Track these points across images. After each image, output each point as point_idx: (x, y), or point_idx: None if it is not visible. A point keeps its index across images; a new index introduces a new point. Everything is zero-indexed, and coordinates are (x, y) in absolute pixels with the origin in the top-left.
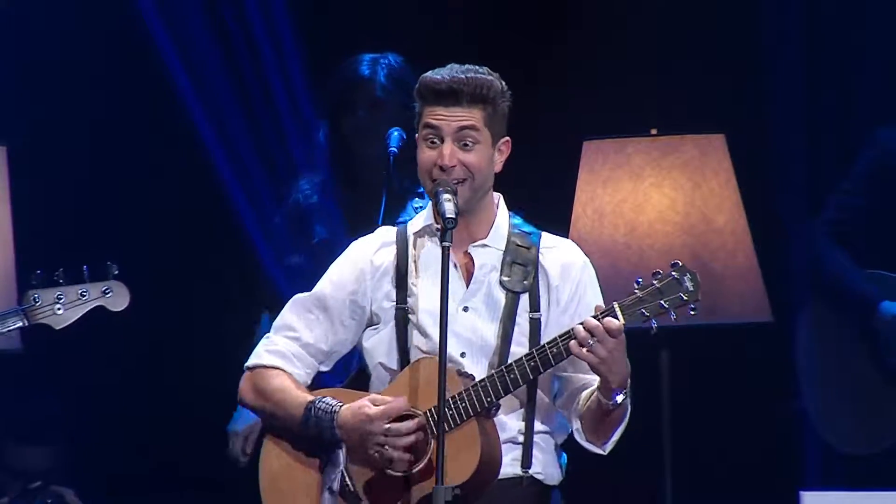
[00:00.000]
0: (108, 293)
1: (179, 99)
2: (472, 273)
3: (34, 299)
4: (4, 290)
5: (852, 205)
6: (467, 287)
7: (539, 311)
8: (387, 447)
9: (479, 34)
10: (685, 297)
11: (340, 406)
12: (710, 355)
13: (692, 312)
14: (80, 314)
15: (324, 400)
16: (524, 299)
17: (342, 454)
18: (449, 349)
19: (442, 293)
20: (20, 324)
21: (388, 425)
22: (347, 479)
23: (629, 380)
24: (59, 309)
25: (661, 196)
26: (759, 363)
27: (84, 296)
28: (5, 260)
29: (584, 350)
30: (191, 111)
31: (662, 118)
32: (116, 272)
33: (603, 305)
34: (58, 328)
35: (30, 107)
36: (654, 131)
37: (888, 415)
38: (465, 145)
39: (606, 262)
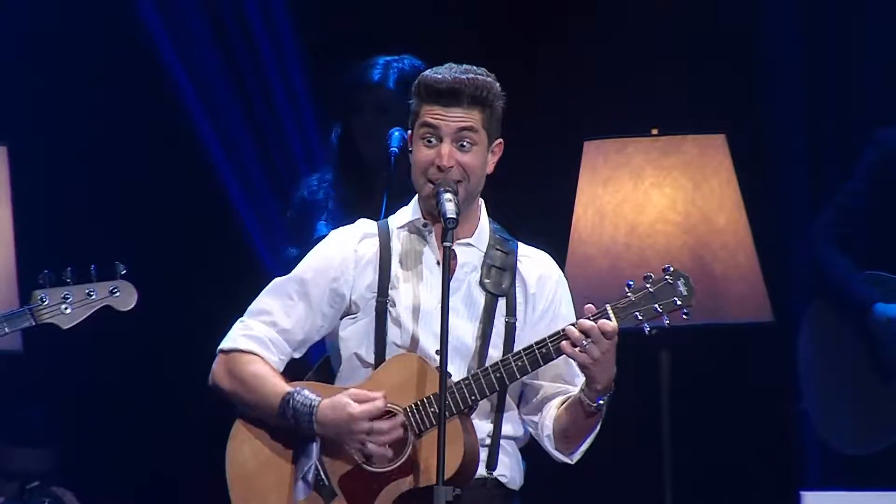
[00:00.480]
0: (115, 293)
1: (180, 98)
2: (454, 271)
3: (41, 299)
4: (6, 291)
5: (853, 206)
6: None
7: (515, 315)
8: (367, 445)
9: (479, 34)
10: (679, 302)
11: (320, 400)
12: (710, 355)
13: (685, 317)
14: (88, 314)
15: (303, 392)
16: (501, 303)
17: (315, 447)
18: (426, 346)
19: (443, 294)
20: (27, 323)
21: (369, 424)
22: (322, 473)
23: (613, 384)
24: (66, 308)
25: (662, 196)
26: (759, 363)
27: (91, 295)
28: (6, 260)
29: (577, 350)
30: (191, 111)
31: (663, 118)
32: (124, 272)
33: (594, 309)
34: (65, 328)
35: (30, 107)
36: (654, 131)
37: (887, 415)
38: (463, 146)
39: (607, 262)
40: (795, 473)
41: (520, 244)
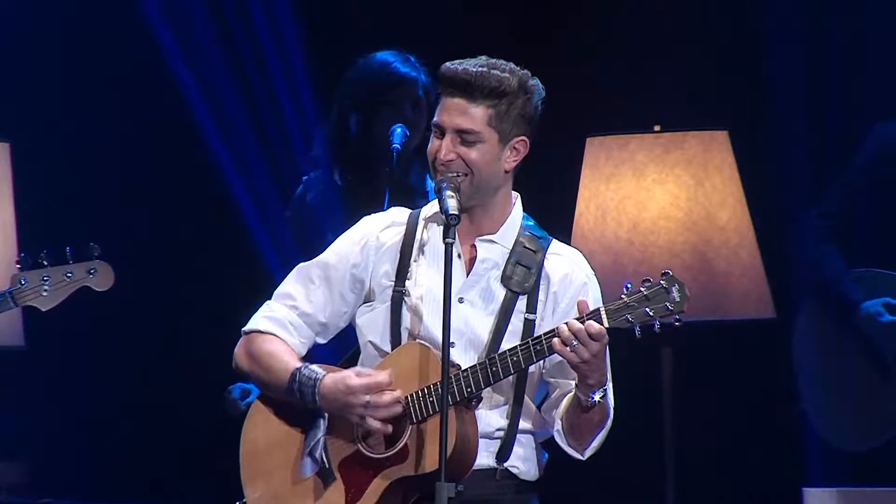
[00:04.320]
0: (92, 273)
1: (181, 93)
2: (473, 266)
3: (21, 282)
4: (7, 284)
5: (850, 199)
6: (466, 278)
7: (535, 312)
8: (366, 419)
9: (479, 30)
10: (670, 307)
11: (324, 374)
12: (712, 352)
13: (676, 323)
14: (66, 295)
15: (309, 367)
16: (522, 300)
17: (324, 423)
18: (438, 337)
19: (445, 289)
20: (8, 307)
21: (367, 397)
22: (323, 455)
23: (609, 381)
24: (45, 291)
25: (665, 193)
26: (761, 360)
27: (69, 276)
28: (9, 255)
29: (567, 349)
30: (193, 106)
31: (665, 114)
32: (100, 252)
33: (588, 304)
34: (45, 310)
35: (32, 103)
36: (657, 128)
37: (885, 412)
38: (466, 142)
39: (609, 258)
40: (797, 469)
41: (554, 242)
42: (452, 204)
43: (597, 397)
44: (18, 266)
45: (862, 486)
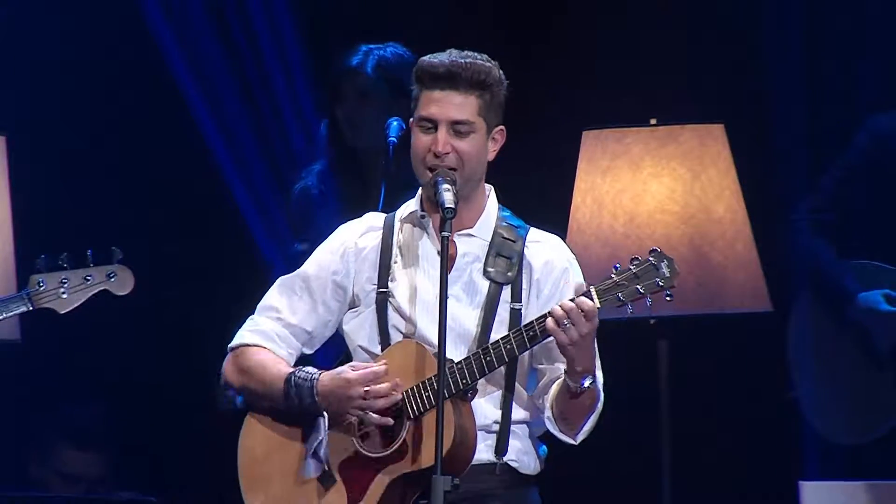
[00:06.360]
0: (112, 277)
1: (179, 87)
2: (454, 261)
3: (39, 283)
4: (4, 279)
5: (839, 192)
6: (448, 274)
7: (520, 302)
8: (366, 411)
9: (478, 23)
10: (661, 283)
11: (320, 373)
12: (708, 345)
13: (668, 299)
14: (85, 298)
15: (303, 369)
16: (506, 290)
17: (324, 422)
18: (428, 335)
19: (441, 285)
20: (24, 308)
21: (366, 388)
22: (328, 454)
23: (598, 368)
24: (63, 293)
25: (661, 186)
26: (758, 353)
27: (88, 280)
28: (5, 250)
29: (559, 330)
30: (190, 99)
31: (662, 108)
32: (121, 257)
33: (583, 288)
34: (62, 312)
35: (30, 96)
36: (653, 121)
37: (880, 404)
38: (459, 133)
39: (606, 251)
40: (794, 464)
41: (532, 230)
42: (449, 197)
43: (587, 384)
44: (38, 268)
45: (859, 479)
